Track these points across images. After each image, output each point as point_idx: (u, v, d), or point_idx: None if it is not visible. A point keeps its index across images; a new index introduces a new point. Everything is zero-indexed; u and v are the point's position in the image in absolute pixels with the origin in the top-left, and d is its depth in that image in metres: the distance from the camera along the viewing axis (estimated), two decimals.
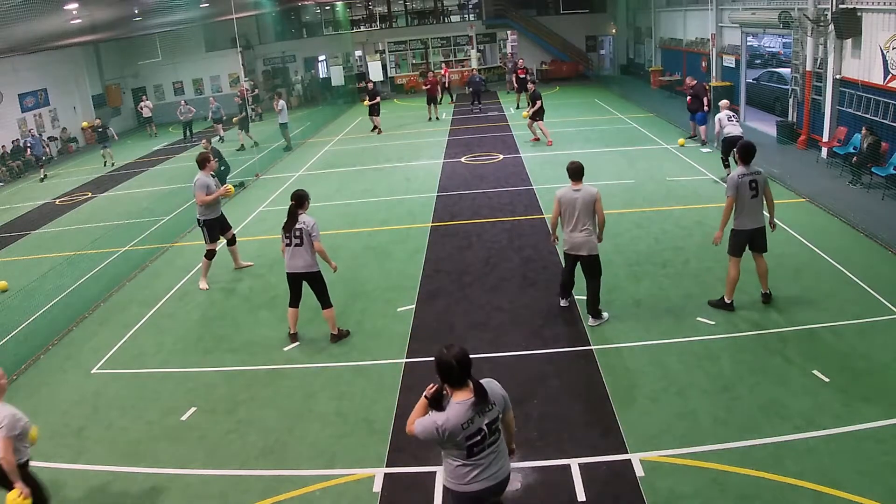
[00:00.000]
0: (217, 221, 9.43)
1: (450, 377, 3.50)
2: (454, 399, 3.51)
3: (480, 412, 3.51)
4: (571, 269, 7.44)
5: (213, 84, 30.29)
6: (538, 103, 16.39)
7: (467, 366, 3.50)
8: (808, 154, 13.97)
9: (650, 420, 5.64)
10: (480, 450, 3.55)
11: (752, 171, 7.05)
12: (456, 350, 3.49)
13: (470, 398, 3.50)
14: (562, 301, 7.81)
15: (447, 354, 3.48)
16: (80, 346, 8.06)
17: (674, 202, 11.33)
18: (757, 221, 7.13)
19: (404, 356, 7.06)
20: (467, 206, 12.20)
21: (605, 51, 32.65)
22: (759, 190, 7.03)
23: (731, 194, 7.03)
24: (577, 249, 7.09)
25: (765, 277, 7.43)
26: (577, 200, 6.96)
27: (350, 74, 31.29)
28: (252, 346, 7.62)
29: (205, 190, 9.05)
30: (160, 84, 30.17)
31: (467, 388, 3.52)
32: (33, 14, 13.15)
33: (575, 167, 7.10)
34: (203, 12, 21.38)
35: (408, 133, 20.59)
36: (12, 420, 4.32)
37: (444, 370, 3.49)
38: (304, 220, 7.02)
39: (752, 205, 7.06)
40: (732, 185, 7.01)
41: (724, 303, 7.39)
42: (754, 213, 7.10)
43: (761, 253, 7.28)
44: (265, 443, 5.80)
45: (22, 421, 4.38)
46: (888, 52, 11.33)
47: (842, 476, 4.75)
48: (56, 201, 16.57)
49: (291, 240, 7.07)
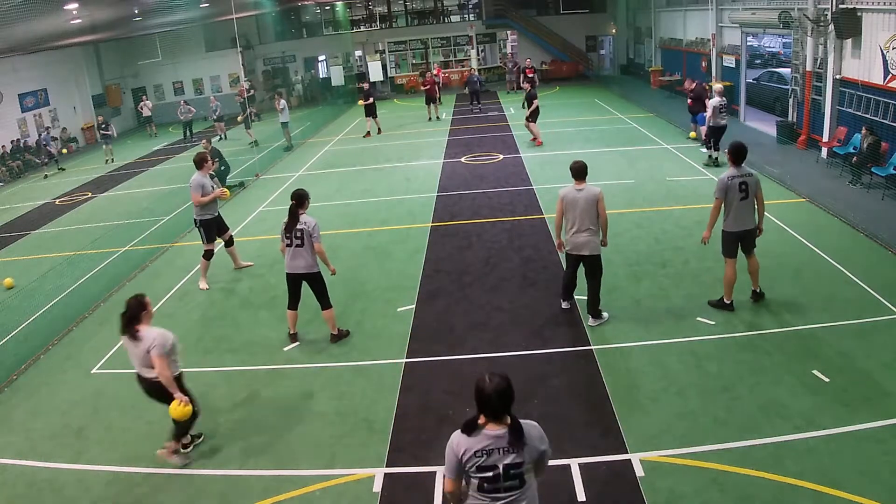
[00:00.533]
0: (214, 222, 9.41)
1: (485, 408, 3.15)
2: (486, 430, 3.17)
3: (503, 450, 3.14)
4: (574, 270, 7.42)
5: (213, 84, 30.29)
6: (535, 103, 16.50)
7: (506, 399, 3.12)
8: (808, 154, 13.97)
9: (650, 420, 5.64)
10: (493, 489, 3.19)
11: (744, 172, 6.97)
12: (497, 381, 3.11)
13: (500, 431, 3.15)
14: (563, 303, 7.78)
15: (487, 385, 3.11)
16: (80, 346, 8.06)
17: (674, 202, 11.33)
18: (746, 223, 7.07)
19: (404, 356, 7.06)
20: (467, 206, 12.20)
21: (605, 51, 32.65)
22: (750, 192, 6.95)
23: (720, 196, 6.98)
24: (579, 249, 7.06)
25: (755, 275, 7.40)
26: (579, 200, 6.95)
27: (350, 74, 31.31)
28: (252, 346, 7.62)
29: (200, 190, 9.02)
30: (160, 84, 30.17)
31: (503, 423, 3.16)
32: (33, 14, 13.15)
33: (578, 166, 7.08)
34: (203, 12, 21.37)
35: (408, 133, 20.59)
36: (163, 339, 5.24)
37: (481, 400, 3.14)
38: (306, 221, 6.97)
39: (741, 207, 7.00)
40: (721, 186, 6.94)
41: (723, 303, 7.40)
42: (743, 215, 7.04)
43: (751, 252, 7.27)
44: (265, 443, 5.80)
45: (171, 339, 5.32)
46: (888, 52, 11.33)
47: (842, 476, 4.75)
48: (56, 201, 16.57)
49: (292, 240, 7.02)
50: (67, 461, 5.79)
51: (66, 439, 6.13)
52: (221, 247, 9.93)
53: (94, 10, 15.60)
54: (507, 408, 3.15)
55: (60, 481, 5.51)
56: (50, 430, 6.29)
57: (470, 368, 6.69)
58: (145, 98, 26.14)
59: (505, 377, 3.15)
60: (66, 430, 6.27)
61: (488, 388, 3.11)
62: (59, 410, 6.65)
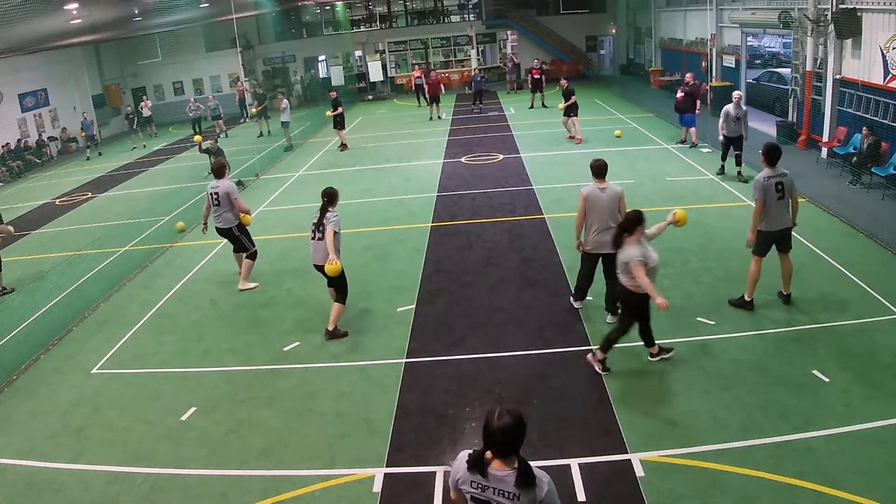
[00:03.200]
0: None
1: (492, 445, 2.91)
2: (491, 467, 2.94)
3: (501, 492, 2.90)
4: (592, 270, 7.34)
5: (213, 84, 30.29)
6: (572, 98, 16.25)
7: (513, 440, 2.86)
8: (808, 154, 13.98)
9: (650, 420, 5.64)
10: None
11: (779, 172, 6.99)
12: (507, 419, 2.83)
13: (505, 473, 2.90)
14: (576, 303, 7.73)
15: (495, 421, 2.84)
16: (80, 346, 8.06)
17: (674, 202, 11.32)
18: (783, 222, 7.09)
19: (404, 356, 7.06)
20: (467, 206, 12.20)
21: (605, 51, 32.64)
22: (786, 192, 6.97)
23: (759, 197, 6.95)
24: (602, 248, 6.99)
25: (788, 279, 7.35)
26: (603, 199, 6.93)
27: (350, 74, 31.30)
28: (252, 346, 7.62)
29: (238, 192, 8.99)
30: (160, 84, 30.17)
31: (510, 463, 2.92)
32: (33, 14, 13.15)
33: (599, 165, 7.06)
34: (203, 12, 21.38)
35: (408, 133, 20.58)
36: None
37: (487, 435, 2.89)
38: (328, 216, 7.32)
39: (779, 206, 7.01)
40: (759, 187, 6.94)
41: (744, 301, 7.36)
42: (781, 214, 7.06)
43: (787, 252, 7.23)
44: (265, 443, 5.80)
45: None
46: (888, 52, 11.33)
47: (842, 476, 4.75)
48: (56, 201, 16.57)
49: (315, 234, 7.43)
50: (67, 461, 5.79)
51: (66, 439, 6.13)
52: (221, 247, 9.92)
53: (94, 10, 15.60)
54: (515, 448, 2.90)
55: (60, 481, 5.51)
56: (50, 430, 6.29)
57: (470, 368, 6.69)
58: (145, 98, 26.14)
59: (517, 415, 2.87)
60: (66, 430, 6.27)
61: (494, 423, 2.85)
62: (59, 410, 6.65)
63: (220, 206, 8.94)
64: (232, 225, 9.04)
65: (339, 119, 18.27)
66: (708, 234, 9.67)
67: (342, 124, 18.48)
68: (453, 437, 5.64)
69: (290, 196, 14.14)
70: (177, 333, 8.15)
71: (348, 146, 18.62)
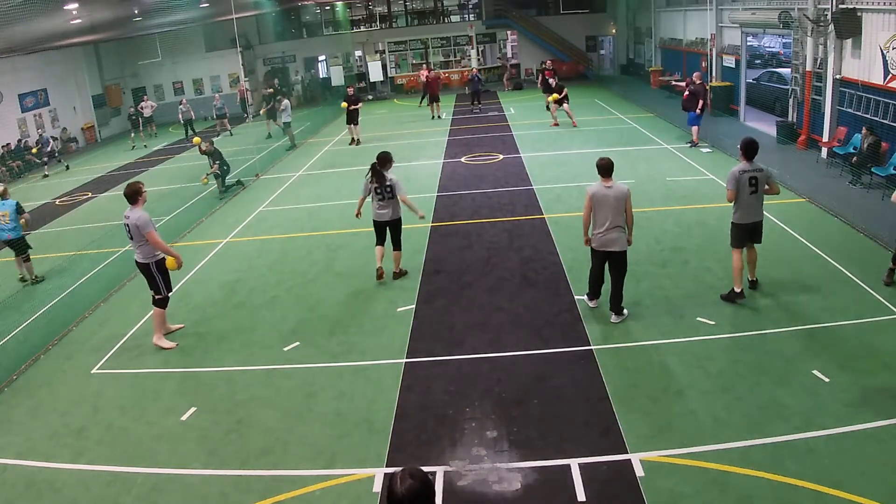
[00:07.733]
0: None
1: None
2: None
3: None
4: (602, 267, 7.40)
5: (213, 84, 30.28)
6: (564, 91, 18.62)
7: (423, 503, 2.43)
8: (808, 154, 13.97)
9: (650, 420, 5.64)
10: None
11: (754, 167, 7.19)
12: (409, 483, 2.40)
13: None
14: (591, 303, 7.74)
15: (398, 487, 2.41)
16: (80, 346, 8.05)
17: (674, 202, 11.32)
18: (755, 216, 7.33)
19: (404, 356, 7.06)
20: (467, 205, 12.20)
21: (605, 51, 32.64)
22: (759, 187, 7.19)
23: (731, 188, 7.26)
24: (608, 246, 7.08)
25: (753, 265, 7.74)
26: (609, 197, 6.97)
27: (350, 74, 31.29)
28: (252, 346, 7.62)
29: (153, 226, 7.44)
30: (160, 84, 30.16)
31: None
32: (33, 14, 13.15)
33: (605, 163, 7.09)
34: (203, 12, 21.39)
35: (408, 133, 20.58)
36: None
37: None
38: (391, 178, 8.53)
39: (750, 200, 7.25)
40: (733, 179, 7.23)
41: (733, 293, 7.48)
42: (753, 208, 7.30)
43: (755, 243, 7.55)
44: (265, 443, 5.79)
45: None
46: (888, 52, 11.33)
47: (842, 476, 4.75)
48: (56, 201, 16.56)
49: (383, 195, 8.61)
50: (67, 461, 5.79)
51: (66, 439, 6.12)
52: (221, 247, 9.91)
53: (94, 10, 15.60)
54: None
55: (60, 481, 5.51)
56: (50, 430, 6.29)
57: (470, 368, 6.69)
58: (146, 98, 26.12)
59: (421, 476, 2.43)
60: (66, 430, 6.27)
61: (399, 490, 2.41)
62: (59, 410, 6.65)
63: (134, 240, 7.42)
64: (151, 260, 7.44)
65: (354, 114, 18.85)
66: (708, 234, 9.67)
67: (356, 119, 19.06)
68: (453, 437, 5.64)
69: (290, 196, 14.12)
70: (177, 333, 8.14)
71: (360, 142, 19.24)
